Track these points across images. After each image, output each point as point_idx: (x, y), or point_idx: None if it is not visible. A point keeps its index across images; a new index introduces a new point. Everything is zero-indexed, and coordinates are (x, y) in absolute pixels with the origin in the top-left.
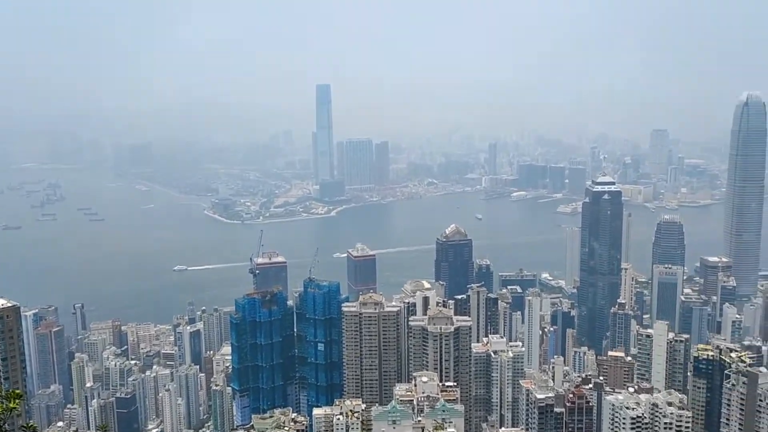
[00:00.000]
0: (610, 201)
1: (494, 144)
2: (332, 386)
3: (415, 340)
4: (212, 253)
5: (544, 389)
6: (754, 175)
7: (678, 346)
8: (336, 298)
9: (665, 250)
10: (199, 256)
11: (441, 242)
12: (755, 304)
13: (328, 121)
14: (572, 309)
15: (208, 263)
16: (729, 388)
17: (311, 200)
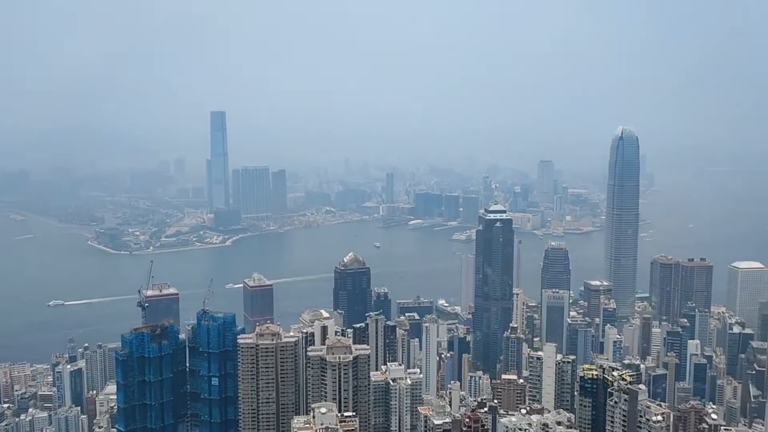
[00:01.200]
0: (502, 228)
1: (391, 173)
2: (227, 422)
3: (313, 371)
4: (96, 286)
5: (442, 415)
6: (630, 204)
7: (565, 367)
8: (231, 329)
9: (553, 275)
10: (81, 290)
11: (339, 271)
12: (633, 324)
13: (224, 148)
14: (468, 334)
15: (91, 297)
16: (612, 406)
17: (205, 229)
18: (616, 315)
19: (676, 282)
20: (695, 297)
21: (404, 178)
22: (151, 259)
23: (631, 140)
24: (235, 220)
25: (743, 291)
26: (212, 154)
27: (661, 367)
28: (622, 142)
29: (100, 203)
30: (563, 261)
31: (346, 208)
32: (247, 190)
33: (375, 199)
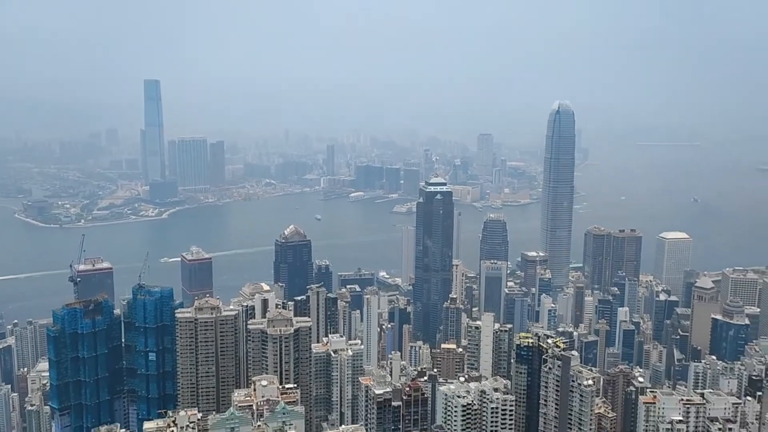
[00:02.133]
0: (442, 201)
1: (332, 145)
2: (165, 397)
3: (254, 344)
4: (25, 260)
5: (382, 385)
6: (565, 177)
7: (503, 336)
8: (169, 304)
9: (491, 247)
10: (9, 265)
11: (280, 243)
12: (567, 293)
13: (158, 118)
14: (408, 305)
15: (19, 272)
16: (546, 372)
17: (140, 202)
18: (551, 285)
19: (607, 252)
20: (625, 266)
21: (345, 151)
22: (82, 232)
23: (567, 114)
24: (172, 192)
25: (669, 260)
26: (146, 125)
27: (593, 333)
28: (559, 117)
29: (28, 175)
30: (501, 233)
31: (286, 180)
32: (184, 162)
33: (316, 171)
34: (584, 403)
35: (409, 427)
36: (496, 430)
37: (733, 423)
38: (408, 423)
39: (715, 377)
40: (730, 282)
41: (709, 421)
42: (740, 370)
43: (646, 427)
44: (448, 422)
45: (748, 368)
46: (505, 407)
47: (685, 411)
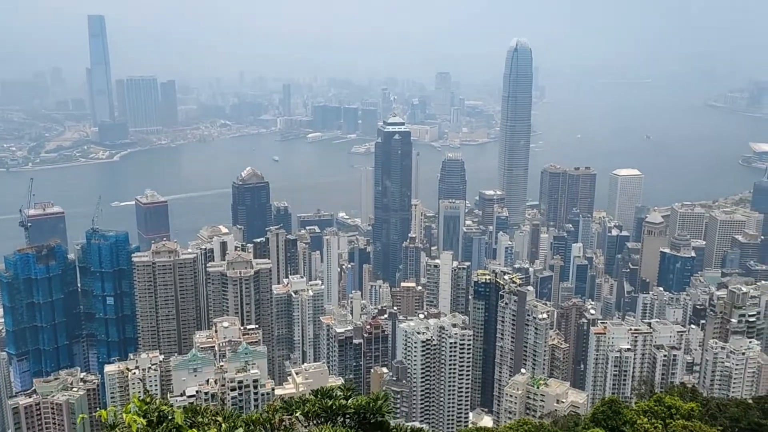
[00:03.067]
0: (401, 141)
1: (288, 85)
2: (125, 341)
3: (214, 286)
4: None
5: (343, 323)
6: (523, 116)
7: (461, 273)
8: (125, 248)
9: (449, 186)
10: None
11: (237, 186)
12: (523, 231)
13: (105, 56)
14: (368, 245)
15: None
16: (503, 307)
17: (90, 144)
18: (509, 222)
19: (563, 190)
20: (580, 203)
21: (302, 90)
22: (30, 176)
23: (525, 52)
24: (123, 134)
25: (622, 197)
26: (92, 63)
27: (548, 269)
28: (517, 55)
29: None
30: (459, 172)
31: (242, 121)
32: (134, 102)
33: (272, 111)
34: (539, 335)
35: (370, 363)
36: (454, 364)
37: (678, 350)
38: (369, 359)
39: (662, 308)
40: (679, 216)
41: (656, 348)
42: (685, 300)
43: (596, 356)
44: (408, 358)
45: (693, 298)
46: (463, 342)
47: (633, 340)
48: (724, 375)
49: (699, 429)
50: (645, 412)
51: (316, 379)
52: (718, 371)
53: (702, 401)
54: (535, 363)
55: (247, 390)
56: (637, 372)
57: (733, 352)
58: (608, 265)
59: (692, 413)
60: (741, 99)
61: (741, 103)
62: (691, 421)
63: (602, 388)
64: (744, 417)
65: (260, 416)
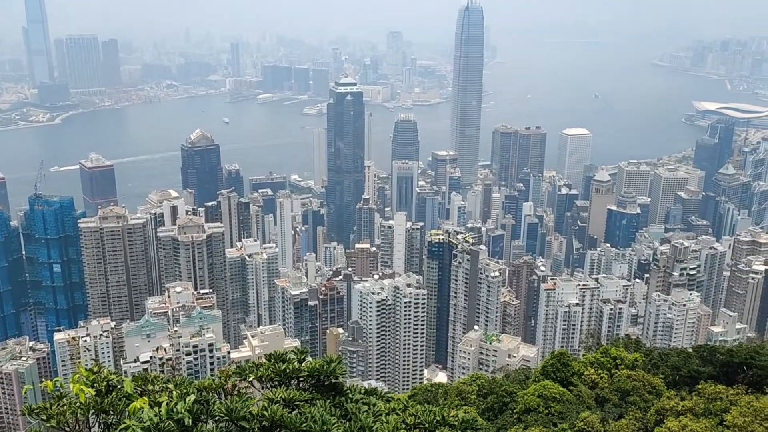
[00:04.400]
0: (353, 102)
1: (236, 44)
2: (75, 308)
3: (165, 251)
4: None
5: (298, 286)
6: (474, 76)
7: (415, 234)
8: (70, 214)
9: (402, 147)
10: None
11: (186, 148)
12: (476, 191)
13: (41, 14)
14: (321, 207)
15: None
16: (456, 266)
17: (29, 106)
18: (461, 183)
19: (514, 150)
20: (530, 163)
21: (251, 50)
22: None
23: (476, 11)
24: (63, 95)
25: (571, 156)
26: (28, 21)
27: (500, 228)
28: (468, 14)
29: None
30: (412, 133)
31: (189, 81)
32: (74, 63)
33: (220, 72)
34: (491, 293)
35: (326, 324)
36: (409, 322)
37: (623, 303)
38: (325, 321)
39: (609, 263)
40: (625, 174)
41: (602, 302)
42: (631, 255)
43: (546, 311)
44: (364, 318)
45: (638, 254)
46: (417, 301)
47: (581, 295)
48: (666, 326)
49: (642, 378)
50: (592, 363)
51: (271, 342)
52: (661, 323)
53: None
54: (488, 320)
55: (203, 354)
56: (584, 325)
57: (674, 304)
58: (558, 223)
59: (636, 363)
60: (685, 58)
61: (685, 62)
62: (635, 371)
63: (552, 342)
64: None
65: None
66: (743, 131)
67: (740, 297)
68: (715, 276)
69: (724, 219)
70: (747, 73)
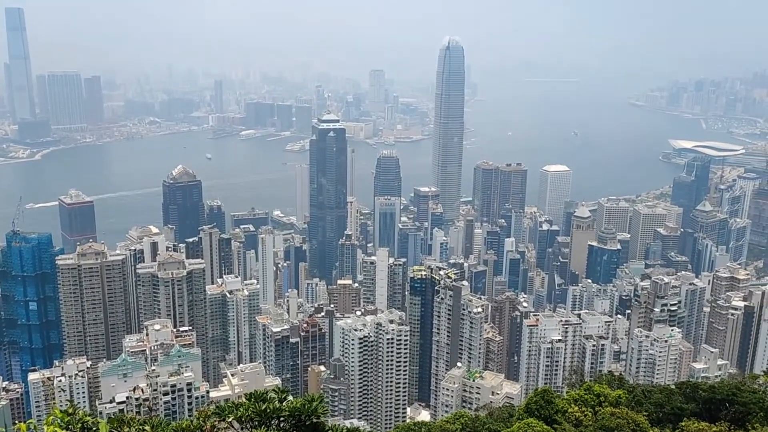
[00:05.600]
0: (335, 138)
1: (220, 81)
2: (50, 347)
3: (144, 288)
4: None
5: (280, 323)
6: (456, 113)
7: (397, 270)
8: (48, 251)
9: (385, 183)
10: None
11: (168, 184)
12: (458, 227)
13: (24, 50)
14: (304, 243)
15: None
16: (438, 302)
17: (9, 142)
18: (443, 218)
19: (495, 186)
20: (512, 199)
21: (234, 87)
22: None
23: (457, 50)
24: (45, 131)
25: (552, 192)
26: (10, 57)
27: (482, 264)
28: (449, 52)
29: None
30: (394, 169)
31: (172, 118)
32: (57, 99)
33: (204, 108)
34: (474, 329)
35: (307, 362)
36: (391, 360)
37: (606, 339)
38: (306, 358)
39: (591, 299)
40: (605, 211)
41: (585, 338)
42: (612, 291)
43: (529, 347)
44: (346, 355)
45: (619, 289)
46: (400, 338)
47: (564, 331)
48: (648, 362)
49: (626, 415)
50: (576, 400)
51: (252, 380)
52: (643, 359)
53: (629, 388)
54: (471, 356)
55: (181, 394)
56: (567, 362)
57: (656, 340)
58: (540, 259)
59: (619, 400)
60: (661, 98)
61: (661, 102)
62: (619, 408)
63: (535, 378)
64: (667, 402)
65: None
66: (719, 169)
67: (720, 333)
68: (695, 312)
69: (702, 255)
70: (721, 113)
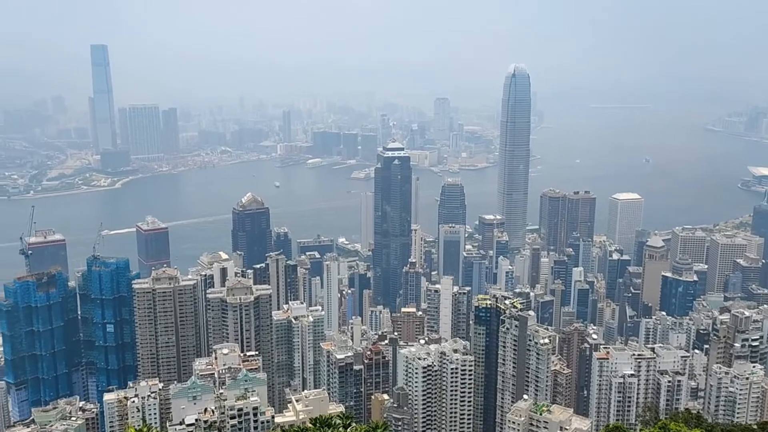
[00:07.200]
0: (400, 166)
1: (288, 111)
2: (125, 368)
3: (214, 313)
4: None
5: (344, 349)
6: (521, 140)
7: (461, 298)
8: (125, 275)
9: (449, 211)
10: None
11: (237, 212)
12: (524, 255)
13: (107, 84)
14: (368, 271)
15: None
16: (504, 332)
17: (92, 172)
18: (509, 247)
19: (562, 214)
20: (580, 228)
21: (302, 117)
22: (32, 204)
23: (522, 78)
24: (124, 161)
25: (622, 221)
26: (95, 92)
27: (549, 293)
28: (515, 80)
29: None
30: (459, 197)
31: (242, 147)
32: (136, 130)
33: (272, 138)
34: (541, 360)
35: (371, 389)
36: (456, 389)
37: (682, 375)
38: (370, 386)
39: (665, 332)
40: (680, 240)
41: (660, 374)
42: (689, 324)
43: (599, 381)
44: (410, 384)
45: (696, 323)
46: (464, 368)
47: (637, 365)
48: (728, 400)
49: None
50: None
51: (316, 407)
52: (723, 396)
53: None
54: (538, 389)
55: (247, 418)
56: (641, 398)
57: (737, 377)
58: (609, 290)
59: None
60: (739, 123)
61: (739, 127)
62: None
63: (606, 414)
64: None
65: None
66: None
67: None
68: None
69: None
70: None
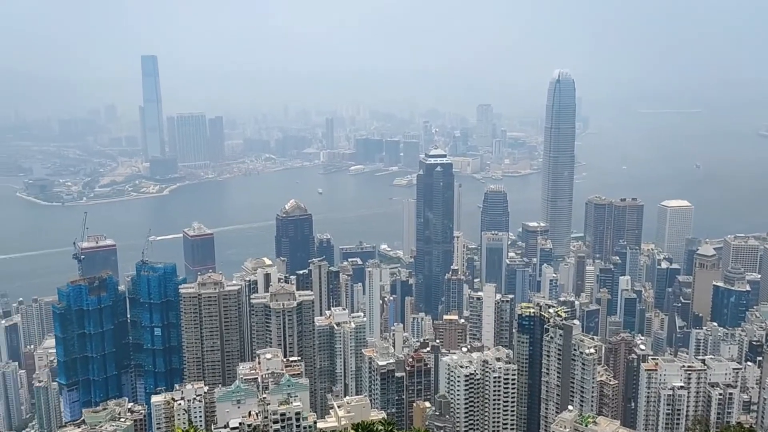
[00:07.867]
0: (443, 173)
1: (331, 119)
2: (172, 371)
3: (257, 318)
4: (28, 238)
5: (385, 356)
6: (566, 147)
7: (504, 306)
8: (172, 280)
9: (492, 218)
10: (11, 243)
11: (281, 218)
12: (568, 263)
13: (156, 94)
14: (410, 277)
15: (23, 250)
16: (548, 341)
17: (141, 179)
18: (553, 254)
19: (608, 221)
20: (626, 235)
21: (344, 124)
22: (84, 210)
23: (567, 83)
24: (172, 168)
25: (671, 228)
26: (145, 101)
27: (594, 302)
28: (559, 86)
29: (28, 153)
30: (502, 204)
31: (286, 154)
32: (184, 138)
33: (315, 145)
34: (586, 371)
35: (412, 397)
36: (498, 399)
37: (734, 388)
38: (411, 393)
39: (716, 343)
40: (732, 249)
41: (710, 386)
42: (741, 336)
43: (647, 393)
44: (452, 392)
45: (749, 334)
46: (507, 376)
47: (687, 377)
48: None
49: None
50: None
51: (357, 413)
52: None
53: None
54: (583, 400)
55: (290, 423)
56: (691, 411)
57: None
58: (658, 299)
59: None
60: None
61: None
62: None
63: (654, 427)
64: None
65: None
66: None
67: None
68: None
69: None
70: None
